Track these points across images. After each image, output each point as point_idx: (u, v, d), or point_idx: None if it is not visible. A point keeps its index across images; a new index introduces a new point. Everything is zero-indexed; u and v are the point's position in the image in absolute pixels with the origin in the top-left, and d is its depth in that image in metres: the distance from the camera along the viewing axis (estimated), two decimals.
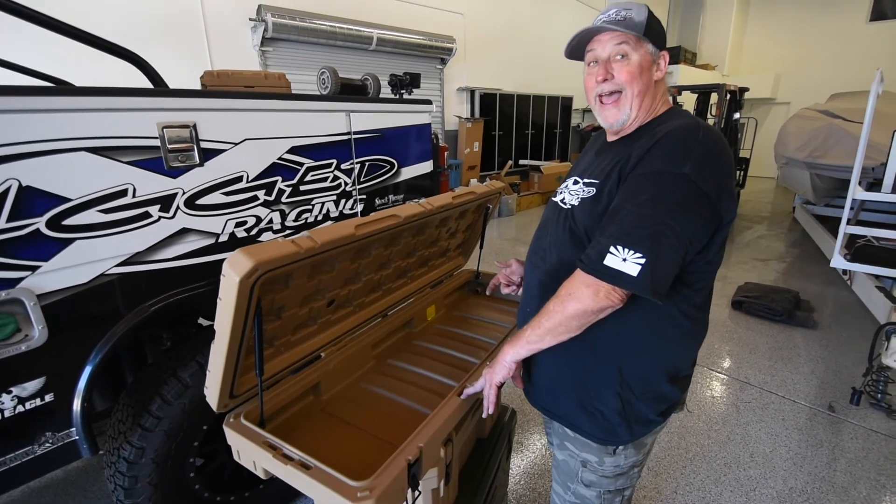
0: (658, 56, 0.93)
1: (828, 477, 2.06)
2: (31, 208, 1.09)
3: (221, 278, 0.83)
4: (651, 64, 0.93)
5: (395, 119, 2.01)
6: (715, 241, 0.88)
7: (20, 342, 1.10)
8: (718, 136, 0.87)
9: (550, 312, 0.90)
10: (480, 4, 7.63)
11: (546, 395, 1.08)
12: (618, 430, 0.98)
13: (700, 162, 0.81)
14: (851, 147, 4.13)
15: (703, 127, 0.86)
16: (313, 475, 0.84)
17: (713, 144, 0.84)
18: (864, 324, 3.54)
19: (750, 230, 6.77)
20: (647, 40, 0.91)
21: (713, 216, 0.84)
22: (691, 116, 0.93)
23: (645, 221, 0.80)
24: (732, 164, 0.88)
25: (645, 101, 0.94)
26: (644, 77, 0.92)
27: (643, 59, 0.91)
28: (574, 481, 1.09)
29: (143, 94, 1.27)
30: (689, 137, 0.84)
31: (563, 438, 1.09)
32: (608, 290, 0.82)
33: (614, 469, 1.04)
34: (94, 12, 3.97)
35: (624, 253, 0.79)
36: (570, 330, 0.89)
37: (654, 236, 0.79)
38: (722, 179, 0.83)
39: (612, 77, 0.93)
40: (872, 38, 10.56)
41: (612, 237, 0.81)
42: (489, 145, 8.17)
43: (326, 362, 1.28)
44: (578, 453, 1.06)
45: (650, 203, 0.80)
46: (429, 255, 1.69)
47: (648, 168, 0.84)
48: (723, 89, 6.12)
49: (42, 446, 1.21)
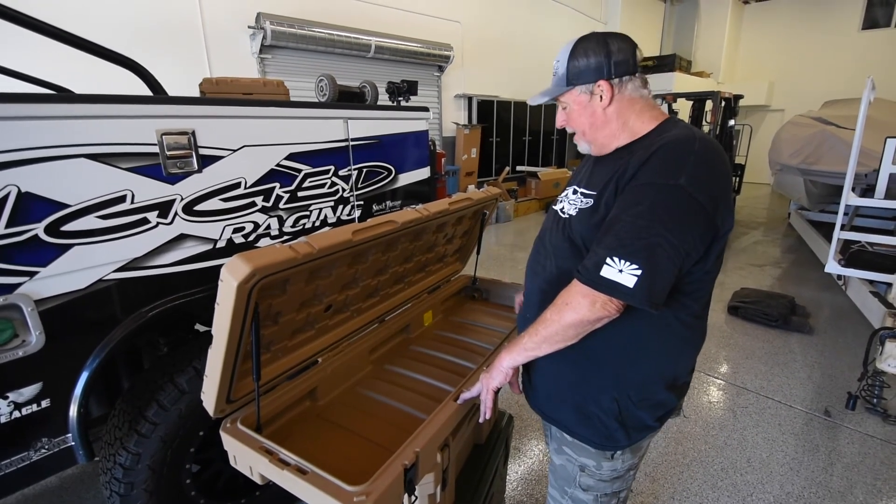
0: (593, 87, 0.95)
1: (824, 482, 2.07)
2: (30, 214, 1.10)
3: (219, 283, 0.84)
4: (587, 101, 0.96)
5: (392, 126, 2.03)
6: (713, 251, 0.88)
7: (17, 348, 1.10)
8: (715, 146, 0.88)
9: (547, 321, 0.91)
10: (477, 13, 7.70)
11: (545, 400, 1.09)
12: (615, 436, 0.98)
13: (696, 173, 0.82)
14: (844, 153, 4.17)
15: (699, 137, 0.87)
16: (310, 480, 0.84)
17: (709, 155, 0.85)
18: (859, 328, 3.56)
19: (746, 236, 6.81)
20: (572, 87, 0.96)
21: (709, 227, 0.84)
22: (687, 127, 0.93)
23: (641, 233, 0.80)
24: (729, 173, 0.89)
25: (601, 132, 0.98)
26: (585, 116, 0.98)
27: (577, 102, 0.98)
28: (572, 486, 1.09)
29: (142, 101, 1.29)
30: (685, 149, 0.85)
31: (560, 443, 1.10)
32: (604, 301, 0.83)
33: (612, 473, 1.04)
34: (93, 20, 3.99)
35: (620, 264, 0.80)
36: (567, 339, 0.90)
37: (651, 248, 0.79)
38: (718, 190, 0.84)
39: (565, 123, 1.04)
40: (865, 46, 10.70)
41: (608, 248, 0.82)
42: (487, 152, 8.21)
43: (323, 368, 1.28)
44: (576, 458, 1.06)
45: (646, 214, 0.81)
46: (426, 261, 1.70)
47: (644, 179, 0.84)
48: (718, 97, 6.18)
49: (38, 452, 1.20)
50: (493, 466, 1.51)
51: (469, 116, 7.92)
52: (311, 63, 5.62)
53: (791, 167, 5.45)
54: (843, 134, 4.93)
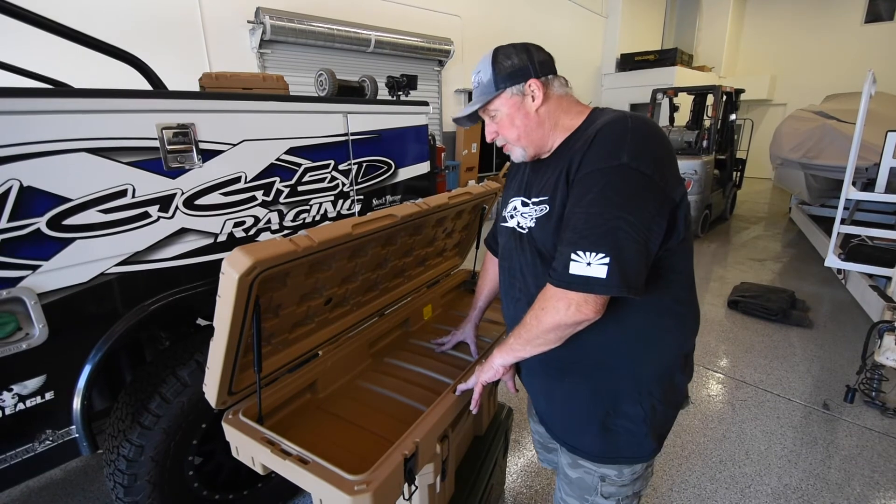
0: (524, 87, 0.93)
1: (822, 474, 2.08)
2: (32, 208, 1.11)
3: (221, 276, 0.85)
4: (520, 102, 0.94)
5: (392, 120, 2.03)
6: (678, 220, 0.87)
7: (21, 340, 1.11)
8: (646, 120, 0.88)
9: (528, 325, 0.91)
10: (478, 7, 7.67)
11: (566, 432, 1.05)
12: (644, 444, 0.97)
13: (635, 149, 0.81)
14: (845, 148, 4.15)
15: (629, 116, 0.87)
16: (311, 469, 0.85)
17: (643, 129, 0.84)
18: (859, 322, 3.56)
19: (747, 230, 6.80)
20: (502, 90, 0.93)
21: (663, 196, 0.83)
22: (615, 111, 0.93)
23: (598, 220, 0.79)
24: (667, 143, 0.87)
25: (535, 134, 0.95)
26: (518, 118, 0.95)
27: (508, 105, 0.94)
28: (593, 494, 1.06)
29: (142, 95, 1.29)
30: (619, 128, 0.84)
31: (576, 458, 1.06)
32: (579, 303, 0.81)
33: (632, 476, 1.03)
34: (92, 15, 3.98)
35: (587, 257, 0.79)
36: (549, 342, 0.90)
37: (612, 232, 0.78)
38: (660, 158, 0.83)
39: (496, 134, 1.00)
40: (867, 40, 10.63)
41: (570, 244, 0.81)
42: (487, 147, 8.18)
43: (324, 360, 1.29)
44: (596, 469, 1.03)
45: (599, 201, 0.80)
46: (425, 255, 1.70)
47: (588, 168, 0.84)
48: (719, 91, 6.15)
49: (42, 444, 1.22)
50: (492, 458, 1.53)
51: None
52: (310, 58, 5.60)
53: (792, 161, 5.44)
54: (844, 128, 4.92)
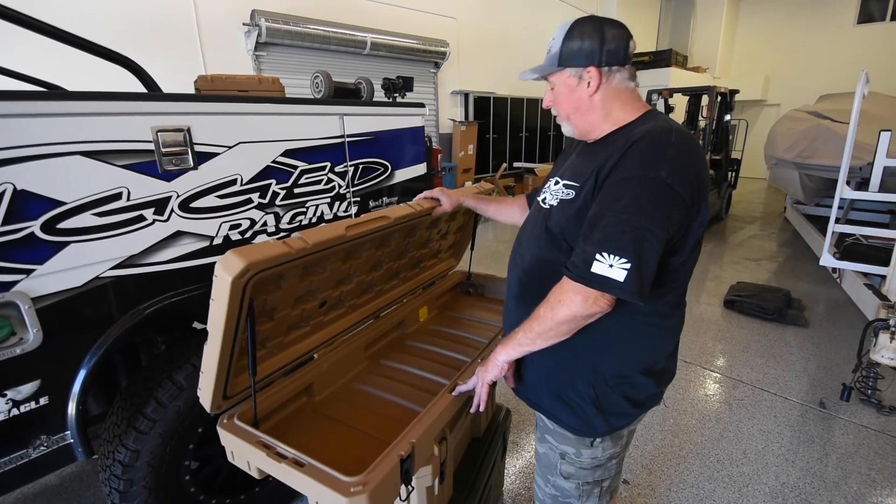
0: (583, 72, 0.95)
1: (819, 472, 2.09)
2: (26, 212, 1.10)
3: (214, 279, 0.85)
4: (575, 85, 0.97)
5: (388, 122, 2.03)
6: (688, 241, 0.91)
7: (15, 345, 1.10)
8: (690, 137, 0.91)
9: (541, 318, 0.92)
10: (473, 9, 7.68)
11: (527, 387, 1.12)
12: (594, 423, 1.01)
13: (675, 165, 0.84)
14: (839, 147, 4.17)
15: (675, 129, 0.89)
16: (307, 472, 0.85)
17: (686, 146, 0.87)
18: (854, 321, 3.58)
19: (742, 230, 6.83)
20: (562, 68, 0.96)
21: (687, 216, 0.87)
22: (665, 119, 0.95)
23: (627, 227, 0.82)
24: (705, 164, 0.91)
25: (585, 117, 0.99)
26: (571, 99, 0.98)
27: (565, 85, 0.98)
28: (553, 473, 1.12)
29: (137, 98, 1.28)
30: (663, 141, 0.87)
31: (544, 431, 1.13)
32: (596, 297, 0.85)
33: (591, 461, 1.07)
34: (87, 17, 3.97)
35: (610, 259, 0.81)
36: (560, 334, 0.92)
37: (638, 241, 0.81)
38: (696, 181, 0.86)
39: (552, 103, 1.04)
40: (860, 41, 10.70)
41: (596, 244, 0.83)
42: (483, 148, 8.20)
43: (319, 363, 1.29)
44: (557, 445, 1.09)
45: (630, 208, 0.83)
46: (420, 257, 1.70)
47: (626, 173, 0.86)
48: (713, 91, 6.18)
49: (37, 450, 1.21)
50: (490, 460, 1.53)
51: (465, 113, 7.91)
52: (306, 60, 5.60)
53: (786, 161, 5.46)
54: (838, 128, 4.95)
